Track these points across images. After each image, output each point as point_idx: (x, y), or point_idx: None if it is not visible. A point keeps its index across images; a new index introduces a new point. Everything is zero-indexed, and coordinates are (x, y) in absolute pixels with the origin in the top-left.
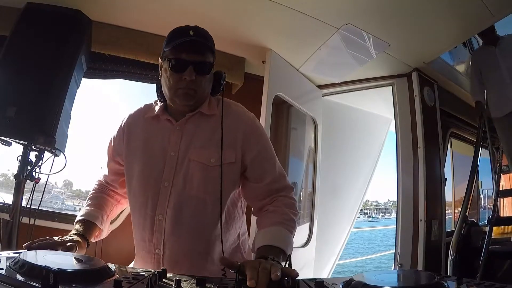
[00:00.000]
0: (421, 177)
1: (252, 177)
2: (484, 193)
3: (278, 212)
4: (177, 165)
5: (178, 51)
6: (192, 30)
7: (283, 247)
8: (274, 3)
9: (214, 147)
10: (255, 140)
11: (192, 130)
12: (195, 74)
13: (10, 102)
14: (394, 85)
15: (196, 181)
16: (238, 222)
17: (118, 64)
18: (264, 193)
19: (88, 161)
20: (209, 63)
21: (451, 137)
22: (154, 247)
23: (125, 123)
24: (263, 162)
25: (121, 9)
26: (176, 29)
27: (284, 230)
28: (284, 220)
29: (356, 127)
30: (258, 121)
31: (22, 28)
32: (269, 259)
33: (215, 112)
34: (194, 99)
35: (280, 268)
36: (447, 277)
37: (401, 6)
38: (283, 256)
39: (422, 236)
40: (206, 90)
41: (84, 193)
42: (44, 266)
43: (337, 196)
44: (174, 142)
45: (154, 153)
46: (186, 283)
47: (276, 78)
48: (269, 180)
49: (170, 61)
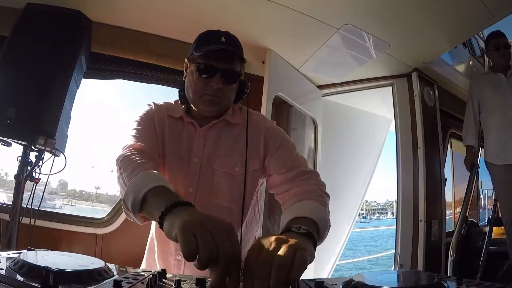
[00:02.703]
0: (421, 177)
1: (274, 168)
2: (484, 193)
3: (305, 190)
4: (200, 173)
5: (207, 57)
6: (224, 37)
7: (312, 217)
8: (274, 3)
9: (237, 156)
10: (275, 137)
11: (215, 137)
12: (222, 82)
13: (10, 103)
14: (394, 85)
15: (221, 190)
16: (256, 226)
17: (118, 64)
18: (287, 179)
19: (83, 161)
20: (237, 72)
21: (451, 137)
22: (176, 253)
23: (154, 111)
24: (285, 152)
25: (121, 9)
26: (207, 33)
27: (312, 202)
28: (312, 196)
29: (356, 127)
30: (277, 126)
31: (22, 29)
32: (294, 229)
33: (238, 120)
34: (218, 106)
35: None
36: (447, 277)
37: (401, 6)
38: (314, 227)
39: (422, 236)
40: (231, 98)
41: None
42: (44, 267)
43: (337, 197)
44: (197, 148)
45: (177, 155)
46: (186, 283)
47: (276, 78)
48: (291, 166)
49: (198, 66)
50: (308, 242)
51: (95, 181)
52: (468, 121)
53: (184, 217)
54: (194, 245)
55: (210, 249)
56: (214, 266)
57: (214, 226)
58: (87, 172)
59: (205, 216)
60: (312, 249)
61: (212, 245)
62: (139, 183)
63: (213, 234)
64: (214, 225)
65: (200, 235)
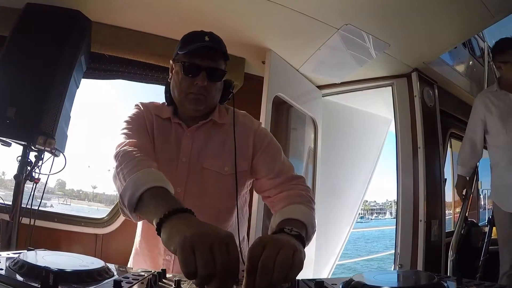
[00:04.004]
0: (421, 177)
1: (263, 172)
2: (484, 193)
3: (294, 195)
4: (189, 172)
5: (192, 55)
6: (208, 36)
7: (303, 219)
8: (274, 3)
9: (226, 156)
10: (263, 138)
11: (203, 137)
12: (207, 80)
13: (10, 103)
14: (394, 85)
15: (210, 189)
16: (243, 226)
17: (117, 64)
18: (276, 185)
19: (79, 160)
20: (222, 70)
21: (451, 137)
22: (165, 252)
23: (143, 111)
24: (272, 155)
25: (121, 9)
26: (191, 33)
27: (302, 206)
28: (301, 200)
29: (356, 127)
30: (264, 127)
31: (22, 29)
32: (286, 230)
33: (225, 121)
34: (204, 105)
35: (291, 255)
36: (447, 277)
37: (401, 6)
38: (303, 230)
39: (422, 236)
40: (216, 97)
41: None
42: (44, 267)
43: (337, 197)
44: (185, 148)
45: (165, 155)
46: (185, 283)
47: (276, 78)
48: (278, 172)
49: (183, 65)
50: (299, 243)
51: (91, 180)
52: (465, 150)
53: (183, 231)
54: (194, 265)
55: (209, 268)
56: (211, 281)
57: (213, 240)
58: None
59: (204, 229)
60: (304, 252)
61: (210, 264)
62: (138, 180)
63: (212, 249)
64: (213, 240)
65: (199, 253)
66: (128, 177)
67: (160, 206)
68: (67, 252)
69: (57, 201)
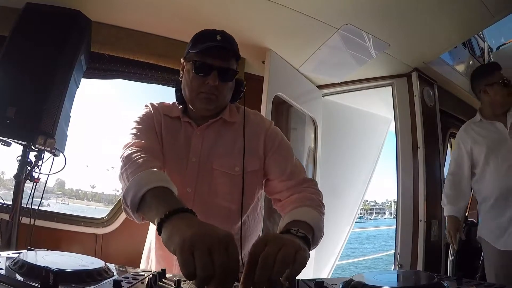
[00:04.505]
0: (421, 177)
1: (275, 173)
2: None
3: (305, 198)
4: (199, 172)
5: (203, 54)
6: (220, 35)
7: (310, 222)
8: (274, 3)
9: (237, 155)
10: (274, 137)
11: (213, 136)
12: (218, 80)
13: (10, 102)
14: (394, 85)
15: (221, 190)
16: (259, 224)
17: (118, 64)
18: (288, 187)
19: (78, 160)
20: (233, 70)
21: (451, 137)
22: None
23: (152, 111)
24: (284, 156)
25: (121, 9)
26: (203, 32)
27: (311, 210)
28: (311, 204)
29: (356, 127)
30: (276, 127)
31: (22, 28)
32: (293, 231)
33: (236, 119)
34: (214, 104)
35: (293, 253)
36: (447, 277)
37: (401, 6)
38: (310, 233)
39: (422, 236)
40: (227, 96)
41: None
42: (44, 266)
43: (336, 196)
44: (195, 147)
45: (175, 155)
46: (185, 283)
47: (276, 78)
48: (290, 174)
49: (194, 64)
50: (304, 244)
51: (90, 180)
52: (450, 187)
53: (183, 232)
54: (193, 266)
55: (207, 269)
56: (210, 282)
57: (212, 241)
58: (82, 171)
59: (204, 229)
60: (308, 252)
61: (208, 265)
62: (141, 180)
63: (212, 250)
64: (212, 240)
65: (198, 255)
66: (131, 177)
67: (161, 206)
68: (67, 252)
69: (55, 200)
